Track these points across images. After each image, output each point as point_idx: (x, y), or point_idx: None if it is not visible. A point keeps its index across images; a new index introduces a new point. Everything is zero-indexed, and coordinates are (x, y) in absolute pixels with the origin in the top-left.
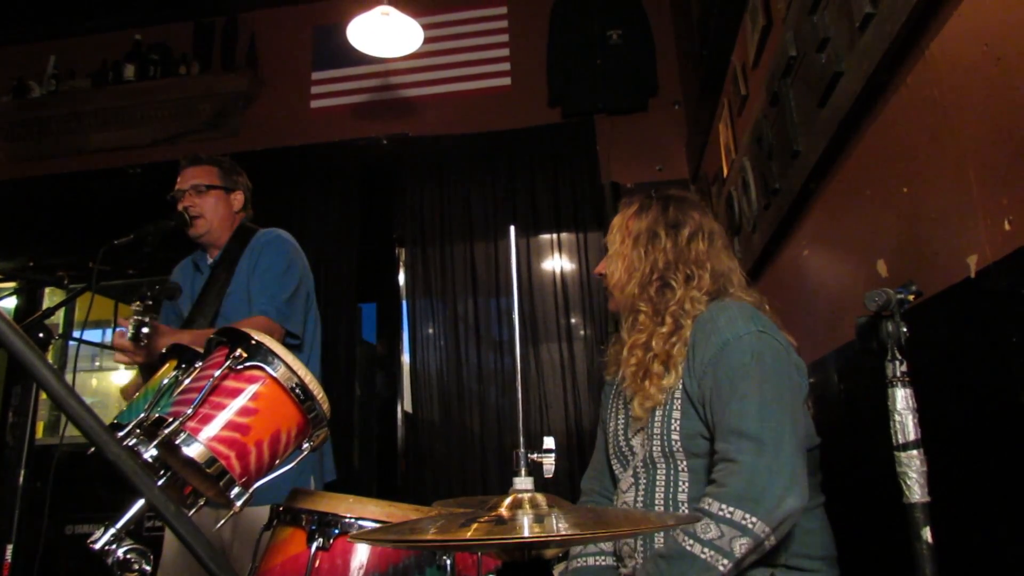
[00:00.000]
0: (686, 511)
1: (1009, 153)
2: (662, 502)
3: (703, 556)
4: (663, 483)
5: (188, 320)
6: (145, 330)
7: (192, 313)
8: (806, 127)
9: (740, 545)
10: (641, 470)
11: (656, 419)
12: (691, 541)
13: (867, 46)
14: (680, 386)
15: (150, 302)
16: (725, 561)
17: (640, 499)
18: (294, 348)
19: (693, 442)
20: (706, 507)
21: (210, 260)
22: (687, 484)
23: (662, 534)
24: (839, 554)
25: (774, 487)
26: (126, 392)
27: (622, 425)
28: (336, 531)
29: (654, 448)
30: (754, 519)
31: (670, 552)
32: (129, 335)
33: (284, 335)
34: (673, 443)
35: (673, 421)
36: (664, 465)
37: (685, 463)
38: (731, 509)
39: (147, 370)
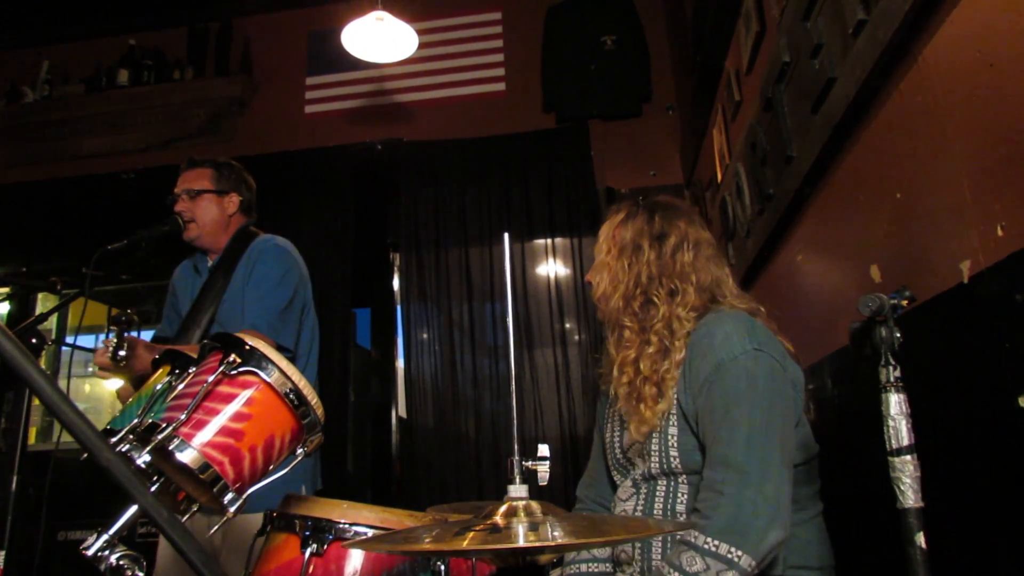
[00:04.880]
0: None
1: (1002, 158)
2: (660, 512)
3: None
4: (662, 495)
5: (183, 325)
6: (121, 352)
7: (187, 319)
8: (800, 133)
9: None
10: (641, 481)
11: (653, 439)
12: (677, 575)
13: (860, 52)
14: (675, 404)
15: (125, 326)
16: None
17: (639, 509)
18: (294, 366)
19: (691, 458)
20: (691, 539)
21: (210, 263)
22: (686, 496)
23: (660, 541)
24: (833, 560)
25: (758, 520)
26: (122, 395)
27: (619, 439)
28: (330, 537)
29: (652, 465)
30: (740, 552)
31: None
32: (108, 356)
33: (276, 348)
34: (672, 459)
35: (670, 438)
36: (664, 480)
37: (684, 477)
38: (716, 543)
39: (137, 379)
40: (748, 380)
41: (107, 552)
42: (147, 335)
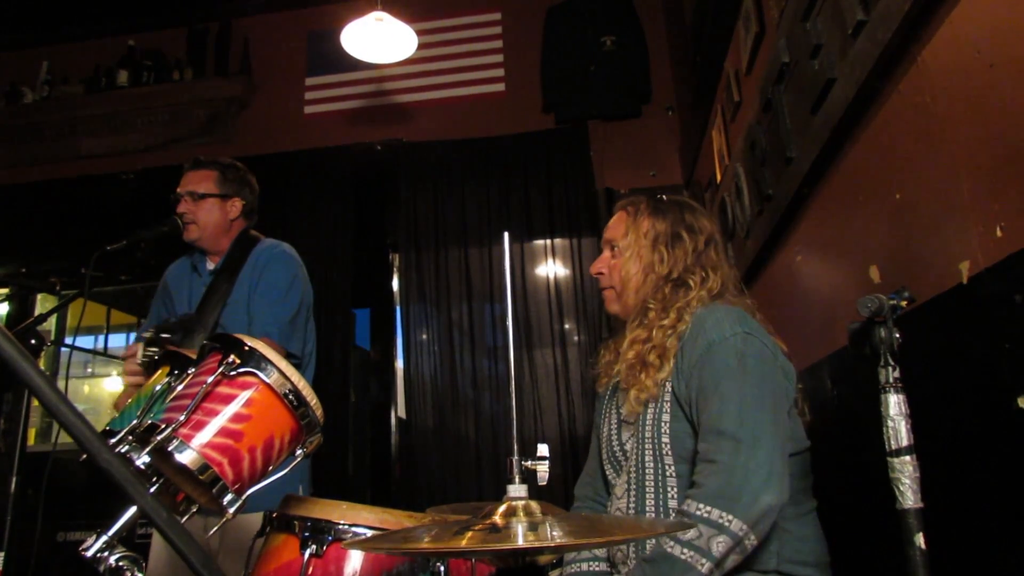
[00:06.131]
0: (675, 517)
1: (1001, 159)
2: (652, 508)
3: (683, 557)
4: (652, 489)
5: (189, 328)
6: (152, 348)
7: (192, 322)
8: (799, 133)
9: (718, 544)
10: (633, 475)
11: (647, 420)
12: (671, 543)
13: (859, 53)
14: (669, 386)
15: (167, 336)
16: (704, 561)
17: (632, 505)
18: (293, 367)
19: (682, 444)
20: (686, 507)
21: (210, 266)
22: (676, 491)
23: (654, 540)
24: (832, 559)
25: (750, 484)
26: (118, 404)
27: (615, 429)
28: (329, 538)
29: (645, 451)
30: (731, 517)
31: (653, 555)
32: (140, 363)
33: (285, 356)
34: (663, 445)
35: (663, 424)
36: (653, 470)
37: (673, 468)
38: (708, 508)
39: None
40: (738, 358)
41: (106, 553)
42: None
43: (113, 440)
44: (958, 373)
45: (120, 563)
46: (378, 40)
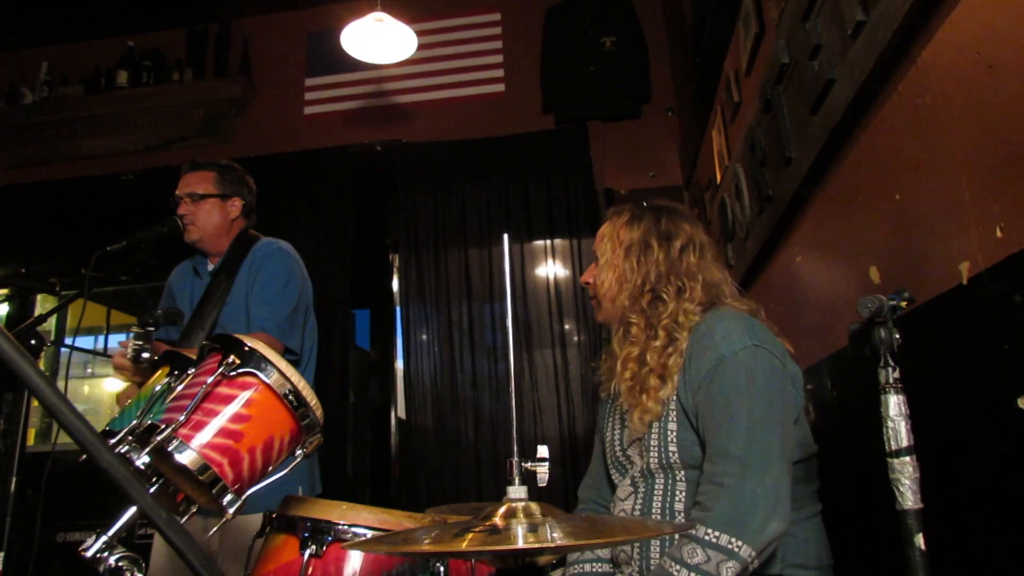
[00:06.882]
0: (682, 520)
1: (1001, 160)
2: (659, 511)
3: None
4: (660, 493)
5: (187, 328)
6: (145, 355)
7: (190, 322)
8: (799, 134)
9: (727, 569)
10: (639, 479)
11: (653, 432)
12: (678, 567)
13: (859, 53)
14: (675, 398)
15: (152, 328)
16: None
17: (638, 508)
18: (292, 364)
19: (690, 453)
20: (692, 531)
21: (211, 267)
22: (684, 494)
23: (659, 541)
24: (832, 560)
25: (758, 510)
26: (121, 398)
27: (619, 436)
28: (329, 538)
29: (651, 460)
30: (740, 543)
31: None
32: (129, 357)
33: (283, 351)
34: (671, 455)
35: (670, 433)
36: (662, 476)
37: (683, 473)
38: (717, 534)
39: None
40: (748, 375)
41: (106, 553)
42: None
43: (113, 440)
44: (958, 373)
45: (120, 563)
46: (378, 40)
